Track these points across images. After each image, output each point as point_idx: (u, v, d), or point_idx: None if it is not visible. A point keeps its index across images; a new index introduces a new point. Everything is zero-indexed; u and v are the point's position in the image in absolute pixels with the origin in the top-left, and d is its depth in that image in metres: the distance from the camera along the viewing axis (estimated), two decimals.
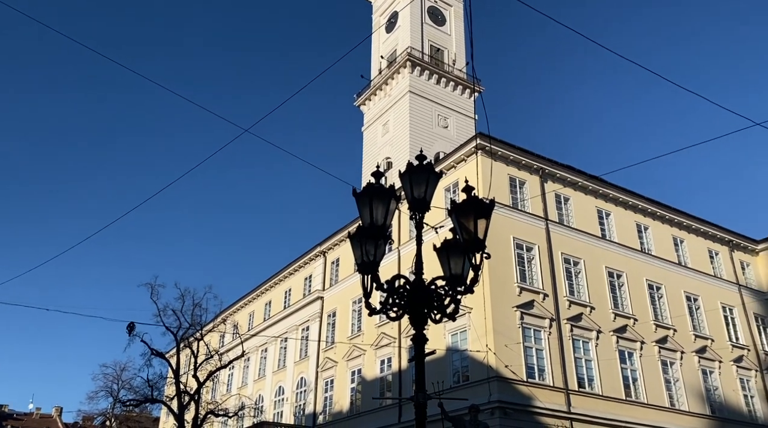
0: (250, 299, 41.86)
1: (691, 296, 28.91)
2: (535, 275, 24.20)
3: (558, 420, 21.49)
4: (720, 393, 27.25)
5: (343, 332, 30.76)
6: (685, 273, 29.36)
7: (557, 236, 25.47)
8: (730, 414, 26.92)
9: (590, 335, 24.28)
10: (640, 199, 29.15)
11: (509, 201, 24.92)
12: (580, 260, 25.66)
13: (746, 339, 29.74)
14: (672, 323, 27.15)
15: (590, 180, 27.30)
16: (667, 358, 26.31)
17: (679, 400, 25.72)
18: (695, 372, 26.93)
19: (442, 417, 13.34)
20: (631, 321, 25.76)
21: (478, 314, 22.32)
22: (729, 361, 28.32)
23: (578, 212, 26.89)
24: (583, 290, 25.18)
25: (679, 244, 30.30)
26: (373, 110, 45.97)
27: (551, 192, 26.27)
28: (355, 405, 28.69)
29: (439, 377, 21.46)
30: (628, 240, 27.98)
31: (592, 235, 26.76)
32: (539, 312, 23.27)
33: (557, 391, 22.13)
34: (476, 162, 24.74)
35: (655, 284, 27.80)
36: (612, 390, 23.63)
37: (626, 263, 27.19)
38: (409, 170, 5.89)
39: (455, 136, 41.92)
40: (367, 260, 5.56)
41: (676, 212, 30.33)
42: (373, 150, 44.25)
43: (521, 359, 21.91)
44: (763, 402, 28.50)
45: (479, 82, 45.64)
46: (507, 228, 24.05)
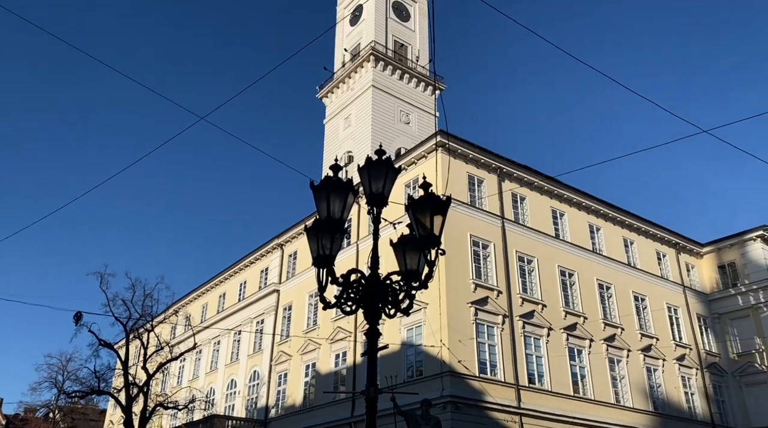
0: (204, 291, 41.17)
1: (639, 296, 29.85)
2: (490, 272, 24.57)
3: (508, 416, 21.92)
4: (663, 390, 28.26)
5: (299, 325, 30.58)
6: (634, 274, 30.29)
7: (512, 234, 25.90)
8: (672, 411, 27.96)
9: (541, 332, 24.80)
10: (593, 200, 29.89)
11: (467, 199, 25.19)
12: (533, 259, 26.16)
13: (689, 339, 30.91)
14: (620, 322, 27.99)
15: (546, 181, 27.85)
16: (615, 356, 27.11)
17: (624, 397, 26.55)
18: (640, 369, 27.84)
19: (395, 412, 13.45)
20: (581, 319, 26.43)
21: (433, 309, 22.52)
22: (672, 359, 29.40)
23: (533, 212, 27.40)
24: (535, 288, 25.70)
25: (629, 245, 31.23)
26: (335, 102, 45.75)
27: (508, 191, 26.68)
28: (308, 399, 28.60)
29: (394, 371, 21.60)
30: (580, 240, 28.68)
31: (546, 234, 27.32)
32: (493, 309, 23.65)
33: (508, 387, 22.55)
34: (436, 159, 24.91)
35: (605, 283, 28.59)
36: (561, 387, 24.22)
37: (578, 262, 27.87)
38: (368, 164, 5.87)
39: (417, 132, 42.12)
40: (323, 253, 5.53)
41: (627, 214, 31.24)
42: (334, 143, 44.05)
43: (474, 354, 22.24)
44: (702, 399, 29.71)
45: (441, 80, 45.94)
46: (464, 226, 24.32)
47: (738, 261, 33.36)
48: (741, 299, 32.37)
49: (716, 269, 34.22)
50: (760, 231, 32.81)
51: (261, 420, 30.61)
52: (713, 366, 31.25)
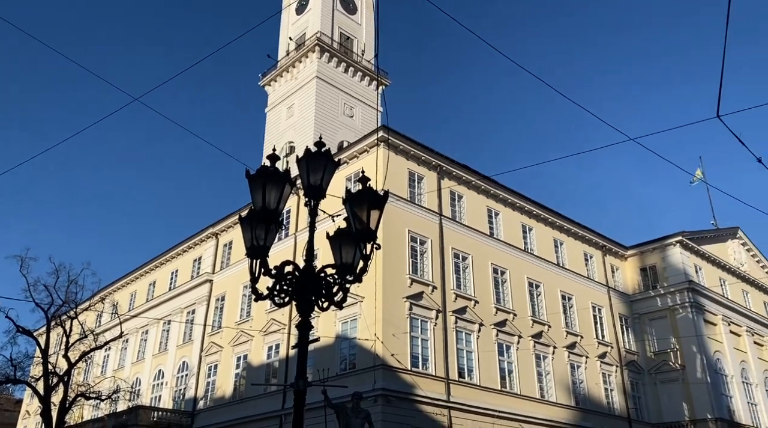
0: (133, 279, 39.81)
1: (566, 295, 31.02)
2: (426, 267, 24.92)
3: (437, 409, 22.34)
4: (585, 386, 29.52)
5: (232, 317, 30.06)
6: (562, 274, 31.44)
7: (449, 231, 26.35)
8: (592, 406, 29.26)
9: (473, 327, 25.40)
10: (527, 201, 30.80)
11: (407, 195, 25.44)
12: (468, 256, 26.72)
13: (610, 337, 32.39)
14: (547, 319, 29.01)
15: (483, 180, 28.46)
16: (541, 352, 28.10)
17: (549, 392, 27.57)
18: (565, 365, 28.97)
19: (325, 405, 13.45)
20: (511, 315, 27.23)
21: (369, 303, 22.64)
22: (594, 357, 30.74)
23: (470, 210, 27.96)
24: (469, 284, 26.27)
25: (558, 246, 32.37)
26: (278, 91, 45.06)
27: (447, 189, 27.11)
28: (238, 391, 28.19)
29: (327, 364, 21.62)
30: (513, 239, 29.50)
31: (482, 232, 27.95)
32: (427, 304, 24.01)
33: (438, 380, 22.98)
34: (378, 154, 25.00)
35: (535, 282, 29.55)
36: (489, 381, 24.89)
37: (510, 261, 28.68)
38: (307, 156, 5.84)
39: (360, 126, 42.08)
40: (256, 244, 5.46)
41: (558, 216, 32.37)
42: (275, 133, 43.41)
43: (407, 348, 22.53)
44: (620, 395, 31.23)
45: (386, 75, 46.07)
46: (403, 221, 24.55)
47: (659, 265, 35.20)
48: (660, 300, 34.20)
49: (638, 271, 35.99)
50: (679, 237, 34.73)
51: (188, 412, 29.95)
52: (632, 363, 32.89)
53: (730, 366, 34.13)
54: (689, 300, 33.05)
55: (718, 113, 8.30)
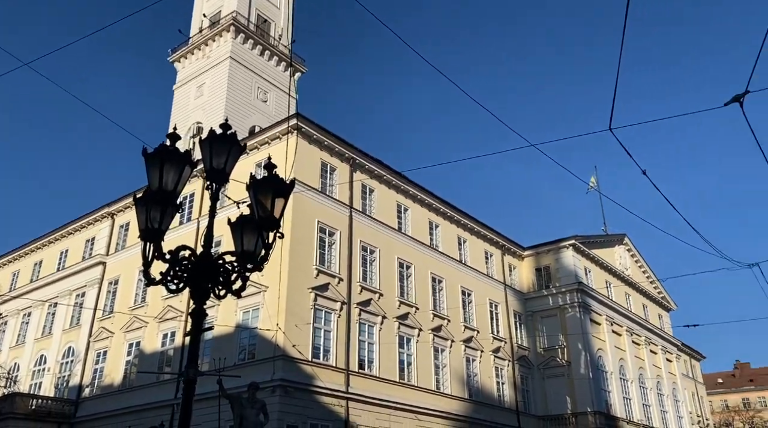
0: (16, 257, 36.90)
1: (466, 290, 32.06)
2: (334, 259, 24.87)
3: (336, 400, 22.41)
4: (478, 379, 30.69)
5: (125, 302, 28.60)
6: (464, 270, 32.47)
7: (359, 224, 26.44)
8: (484, 398, 30.48)
9: (376, 320, 25.67)
10: (436, 199, 31.50)
11: (319, 185, 25.23)
12: (376, 249, 26.94)
13: (505, 333, 33.85)
14: (447, 314, 29.86)
15: (395, 176, 28.79)
16: (440, 345, 28.89)
17: (444, 384, 28.41)
18: (461, 359, 29.96)
19: (220, 394, 13.13)
20: (413, 309, 27.77)
21: (272, 293, 22.28)
22: (489, 351, 32.01)
23: (380, 204, 28.20)
24: (375, 277, 26.50)
25: (462, 243, 33.38)
26: (188, 69, 43.18)
27: (358, 181, 27.17)
28: (128, 379, 26.89)
29: (225, 354, 21.10)
30: (420, 235, 30.09)
31: (391, 227, 28.27)
32: (333, 296, 23.98)
33: (338, 372, 23.05)
34: (290, 142, 24.57)
35: (438, 277, 30.31)
36: (388, 373, 25.28)
37: (416, 256, 29.24)
38: (211, 138, 5.60)
39: (274, 112, 41.24)
40: (151, 227, 5.18)
41: (464, 214, 33.36)
42: (183, 112, 41.61)
43: (309, 339, 22.40)
44: (511, 388, 32.74)
45: (303, 62, 45.42)
46: (313, 211, 24.35)
47: (552, 266, 37.18)
48: (551, 299, 36.16)
49: (534, 271, 37.85)
50: (572, 240, 36.85)
51: (72, 400, 28.21)
52: (523, 358, 34.58)
53: (611, 363, 36.72)
54: (578, 300, 35.18)
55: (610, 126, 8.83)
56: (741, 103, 7.72)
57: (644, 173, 10.20)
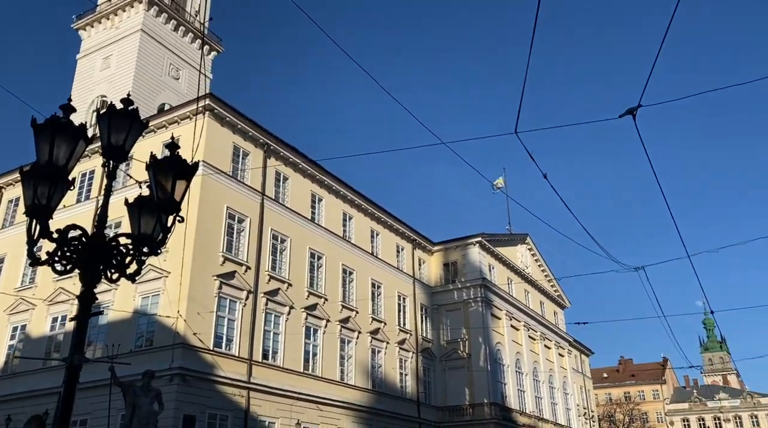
0: None
1: (377, 283, 32.39)
2: (242, 246, 24.32)
3: (237, 389, 21.98)
4: (382, 370, 31.14)
5: (11, 282, 26.60)
6: (375, 263, 32.77)
7: (271, 212, 25.99)
8: (387, 389, 30.97)
9: (283, 310, 25.38)
10: (351, 191, 31.53)
11: (229, 170, 24.54)
12: (287, 239, 26.60)
13: (411, 325, 34.54)
14: (356, 305, 30.04)
15: (311, 164, 28.52)
16: (347, 337, 29.03)
17: (349, 375, 28.61)
18: (366, 350, 30.26)
19: (111, 382, 12.54)
20: (322, 300, 27.71)
21: (174, 279, 21.45)
22: (394, 343, 32.55)
23: (294, 193, 27.86)
24: (285, 267, 26.18)
25: (375, 236, 33.67)
26: (95, 38, 40.59)
27: (272, 168, 26.69)
28: (10, 365, 25.07)
29: (121, 340, 20.14)
30: (333, 226, 30.03)
31: (303, 217, 28.01)
32: (239, 284, 23.46)
33: (241, 361, 22.61)
34: (202, 123, 23.69)
35: (350, 269, 30.40)
36: (293, 363, 25.10)
37: (328, 247, 29.16)
38: (110, 112, 5.27)
39: (186, 91, 39.64)
40: (38, 203, 4.81)
41: (378, 207, 33.64)
42: (87, 84, 39.10)
43: (212, 328, 21.82)
44: (413, 379, 33.48)
45: (219, 42, 43.95)
46: (222, 196, 23.66)
47: (459, 261, 38.33)
48: (456, 294, 37.29)
49: (442, 266, 38.85)
50: (479, 238, 38.13)
51: None
52: (426, 350, 35.44)
53: (508, 356, 38.40)
54: (481, 296, 36.49)
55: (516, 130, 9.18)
56: (634, 115, 8.27)
57: (545, 176, 10.71)
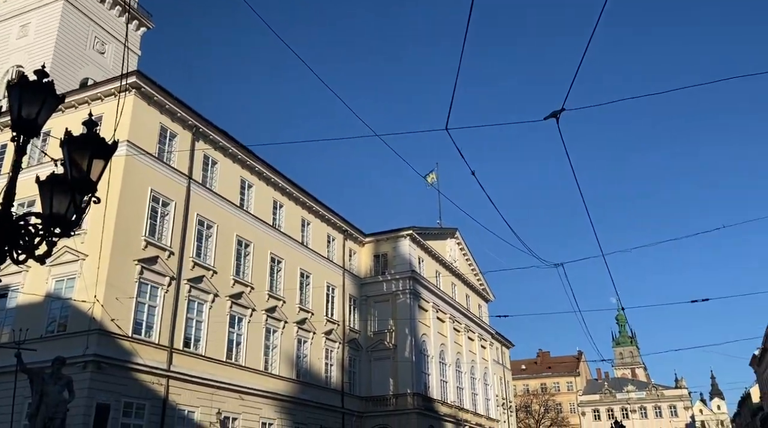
0: None
1: (305, 273, 32.17)
2: (166, 231, 23.52)
3: (156, 378, 21.32)
4: (308, 360, 31.02)
5: None
6: (305, 252, 32.53)
7: (197, 197, 25.26)
8: (311, 379, 30.90)
9: (207, 297, 24.78)
10: (283, 178, 31.09)
11: (155, 151, 23.62)
12: (214, 225, 25.96)
13: (339, 316, 34.58)
14: (283, 295, 29.74)
15: (241, 150, 27.91)
16: (272, 326, 28.69)
17: (273, 365, 28.33)
18: (292, 340, 30.06)
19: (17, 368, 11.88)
20: (248, 289, 27.24)
21: (92, 262, 20.51)
22: (321, 333, 32.49)
23: (223, 178, 27.18)
24: (210, 253, 25.54)
25: (305, 225, 33.40)
26: (11, 3, 37.95)
27: (200, 152, 25.92)
28: None
29: (32, 324, 19.09)
30: (263, 214, 29.55)
31: (232, 203, 27.39)
32: (161, 270, 22.70)
33: (161, 349, 21.93)
34: (127, 101, 22.69)
35: (278, 258, 30.03)
36: (216, 352, 24.58)
37: (257, 235, 28.67)
38: (22, 84, 4.94)
39: (112, 66, 37.80)
40: None
41: (310, 196, 33.36)
42: (0, 52, 36.56)
43: (131, 314, 21.03)
44: (339, 370, 33.57)
45: (150, 18, 42.15)
46: (146, 178, 22.77)
47: (390, 254, 38.67)
48: (385, 285, 37.63)
49: (372, 257, 39.08)
50: (410, 231, 38.60)
51: None
52: (353, 341, 35.61)
53: (433, 347, 39.18)
54: (409, 288, 36.99)
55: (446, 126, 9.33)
56: (557, 119, 8.58)
57: (473, 173, 10.94)
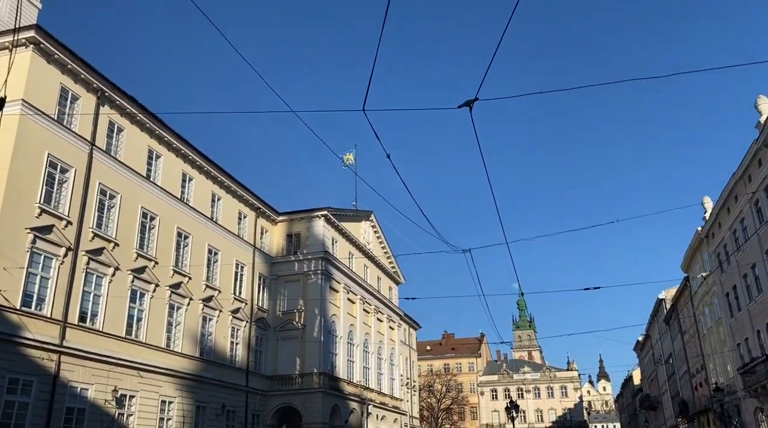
0: None
1: (214, 249, 31.37)
2: (64, 199, 22.14)
3: (46, 353, 20.15)
4: (212, 338, 30.38)
5: None
6: (214, 228, 31.69)
7: (100, 165, 23.92)
8: (216, 357, 30.33)
9: (107, 270, 23.64)
10: (193, 150, 30.02)
11: (54, 113, 22.07)
12: (117, 195, 24.71)
13: (247, 294, 34.05)
14: (190, 271, 28.88)
15: (150, 118, 26.65)
16: (176, 303, 27.84)
17: (176, 342, 27.54)
18: (197, 318, 29.31)
19: None
20: (152, 263, 26.23)
21: None
22: (228, 311, 31.89)
23: (129, 146, 25.87)
24: (112, 225, 24.33)
25: (216, 201, 32.50)
26: None
27: (105, 117, 24.51)
28: None
29: None
30: (171, 186, 28.45)
31: (138, 173, 26.16)
32: (57, 240, 21.38)
33: (53, 323, 20.74)
34: (23, 57, 21.01)
35: (185, 233, 29.08)
36: (114, 328, 23.57)
37: (164, 208, 27.60)
38: None
39: (7, 18, 34.72)
40: None
41: (221, 171, 32.44)
42: None
43: (21, 285, 19.70)
44: (245, 348, 33.14)
45: None
46: (43, 141, 21.27)
47: (303, 233, 38.44)
48: (297, 265, 37.42)
49: (285, 236, 38.70)
50: (324, 211, 38.51)
51: None
52: (261, 320, 35.23)
53: (342, 328, 39.50)
54: (321, 268, 36.99)
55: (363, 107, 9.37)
56: (471, 107, 8.83)
57: (388, 156, 11.07)
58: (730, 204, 31.92)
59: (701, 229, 38.09)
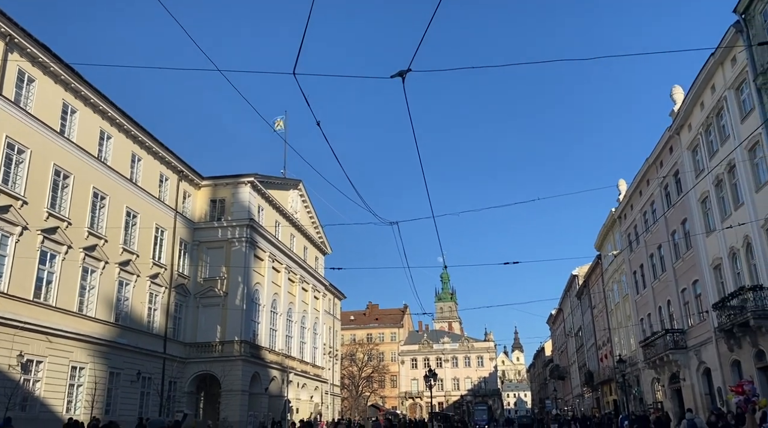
0: None
1: (132, 212, 30.10)
2: None
3: None
4: (129, 303, 29.33)
5: None
6: (133, 190, 30.34)
7: (8, 117, 22.23)
8: (131, 323, 29.33)
9: (14, 230, 22.19)
10: (112, 106, 28.44)
11: None
12: (27, 150, 23.11)
13: (167, 260, 33.00)
14: (105, 233, 27.61)
15: (64, 68, 24.94)
16: (90, 266, 26.60)
17: (89, 306, 26.39)
18: (113, 282, 28.16)
19: None
20: (64, 223, 24.87)
21: None
22: (146, 276, 30.81)
23: (41, 99, 24.16)
24: (20, 181, 22.79)
25: (136, 161, 31.07)
26: None
27: (14, 64, 22.72)
28: None
29: None
30: (87, 144, 26.90)
31: (50, 128, 24.53)
32: None
33: None
34: None
35: (102, 193, 27.70)
36: (21, 290, 22.25)
37: (78, 166, 26.10)
38: None
39: None
40: None
41: (143, 130, 30.97)
42: None
43: None
44: (163, 315, 32.23)
45: None
46: None
47: (228, 199, 37.52)
48: (221, 232, 36.56)
49: (209, 202, 37.64)
50: (251, 178, 37.68)
51: None
52: (181, 286, 34.31)
53: (265, 297, 39.14)
54: (246, 236, 36.33)
55: (294, 71, 9.11)
56: (403, 78, 8.78)
57: (318, 124, 10.86)
58: (642, 187, 33.79)
59: (615, 210, 40.18)
